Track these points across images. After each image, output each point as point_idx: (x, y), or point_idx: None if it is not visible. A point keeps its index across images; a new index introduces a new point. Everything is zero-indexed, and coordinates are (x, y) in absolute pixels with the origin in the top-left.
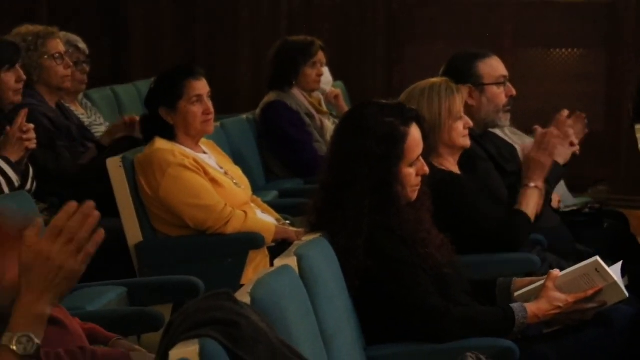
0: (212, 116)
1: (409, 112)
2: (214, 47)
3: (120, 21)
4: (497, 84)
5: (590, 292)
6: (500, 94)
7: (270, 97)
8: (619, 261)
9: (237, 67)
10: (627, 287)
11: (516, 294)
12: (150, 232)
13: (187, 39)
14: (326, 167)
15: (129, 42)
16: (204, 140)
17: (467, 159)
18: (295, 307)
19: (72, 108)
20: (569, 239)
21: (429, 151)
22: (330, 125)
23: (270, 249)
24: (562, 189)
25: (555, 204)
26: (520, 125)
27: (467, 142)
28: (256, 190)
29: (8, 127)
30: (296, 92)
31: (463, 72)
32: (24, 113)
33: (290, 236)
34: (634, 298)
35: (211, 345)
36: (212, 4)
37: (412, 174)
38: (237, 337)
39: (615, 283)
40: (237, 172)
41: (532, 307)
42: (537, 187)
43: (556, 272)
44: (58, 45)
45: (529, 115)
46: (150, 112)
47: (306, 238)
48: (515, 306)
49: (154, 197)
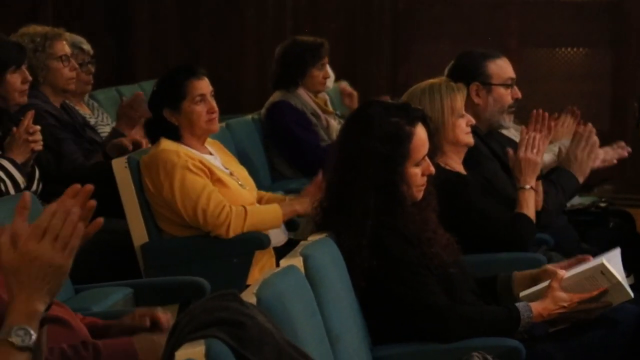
0: (216, 115)
1: (415, 111)
2: (219, 47)
3: (125, 21)
4: (504, 85)
5: (595, 293)
6: (507, 96)
7: (276, 97)
8: (624, 258)
9: (242, 67)
10: (632, 286)
11: (521, 294)
12: (155, 232)
13: (191, 39)
14: (331, 167)
15: (134, 42)
16: (209, 140)
17: (473, 158)
18: (301, 308)
19: (78, 108)
20: (574, 238)
21: (435, 151)
22: (336, 125)
23: (276, 249)
24: None
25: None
26: (526, 124)
27: (470, 139)
28: (262, 190)
29: (14, 129)
30: (302, 92)
31: (471, 70)
32: (30, 115)
33: (297, 210)
34: (639, 297)
35: (217, 346)
36: (217, 3)
37: (418, 174)
38: (243, 337)
39: (620, 283)
40: (242, 172)
41: (537, 307)
42: (532, 187)
43: (562, 272)
44: (64, 47)
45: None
46: (154, 114)
47: (312, 238)
48: (520, 305)
49: (159, 197)
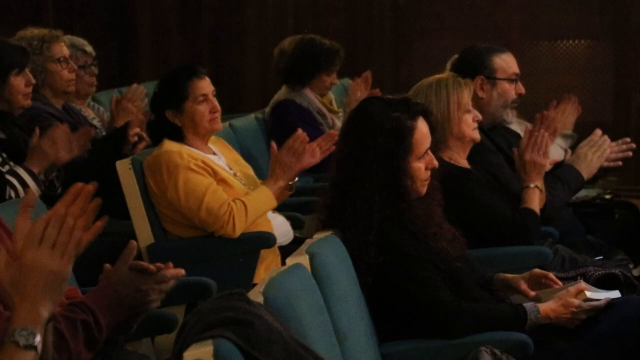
0: (219, 114)
1: (415, 105)
2: (221, 47)
3: (127, 22)
4: (509, 80)
5: (604, 303)
6: (511, 91)
7: (281, 95)
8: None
9: (245, 66)
10: (637, 278)
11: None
12: (161, 233)
13: (194, 39)
14: (335, 165)
15: (136, 43)
16: (213, 138)
17: (477, 152)
18: (308, 306)
19: (81, 110)
20: (580, 230)
21: (438, 145)
22: (341, 124)
23: (281, 248)
24: None
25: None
26: (528, 117)
27: (476, 134)
28: None
29: (34, 140)
30: (307, 91)
31: (477, 64)
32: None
33: (281, 185)
34: None
35: (225, 346)
36: (219, 3)
37: (422, 168)
38: (251, 337)
39: None
40: (247, 171)
41: (545, 308)
42: (537, 186)
43: (583, 284)
44: (62, 49)
45: (537, 108)
46: (156, 116)
47: (317, 236)
48: (528, 305)
49: (163, 198)
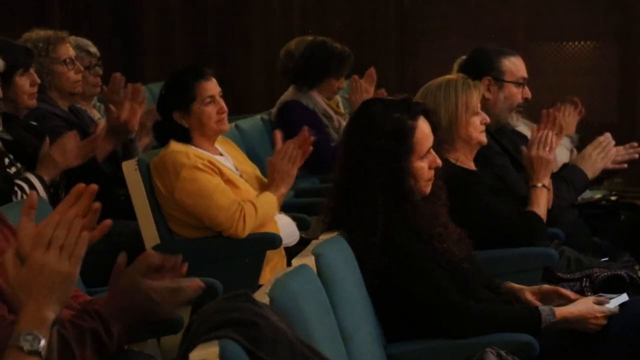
0: (226, 115)
1: (416, 105)
2: (227, 47)
3: (132, 23)
4: (516, 83)
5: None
6: (517, 94)
7: (288, 95)
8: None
9: (250, 67)
10: None
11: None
12: (167, 234)
13: (199, 40)
14: (338, 167)
15: (141, 44)
16: (220, 138)
17: (483, 154)
18: (314, 307)
19: (87, 111)
20: (585, 232)
21: (441, 144)
22: None
23: (286, 249)
24: None
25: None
26: (534, 118)
27: (483, 138)
28: None
29: (45, 149)
30: (315, 93)
31: (485, 64)
32: None
33: (283, 192)
34: None
35: (231, 347)
36: (224, 3)
37: (425, 167)
38: (256, 337)
39: None
40: (254, 171)
41: (563, 311)
42: (544, 186)
43: (601, 298)
44: (68, 50)
45: (542, 109)
46: (163, 118)
47: (323, 237)
48: (542, 308)
49: (170, 199)
